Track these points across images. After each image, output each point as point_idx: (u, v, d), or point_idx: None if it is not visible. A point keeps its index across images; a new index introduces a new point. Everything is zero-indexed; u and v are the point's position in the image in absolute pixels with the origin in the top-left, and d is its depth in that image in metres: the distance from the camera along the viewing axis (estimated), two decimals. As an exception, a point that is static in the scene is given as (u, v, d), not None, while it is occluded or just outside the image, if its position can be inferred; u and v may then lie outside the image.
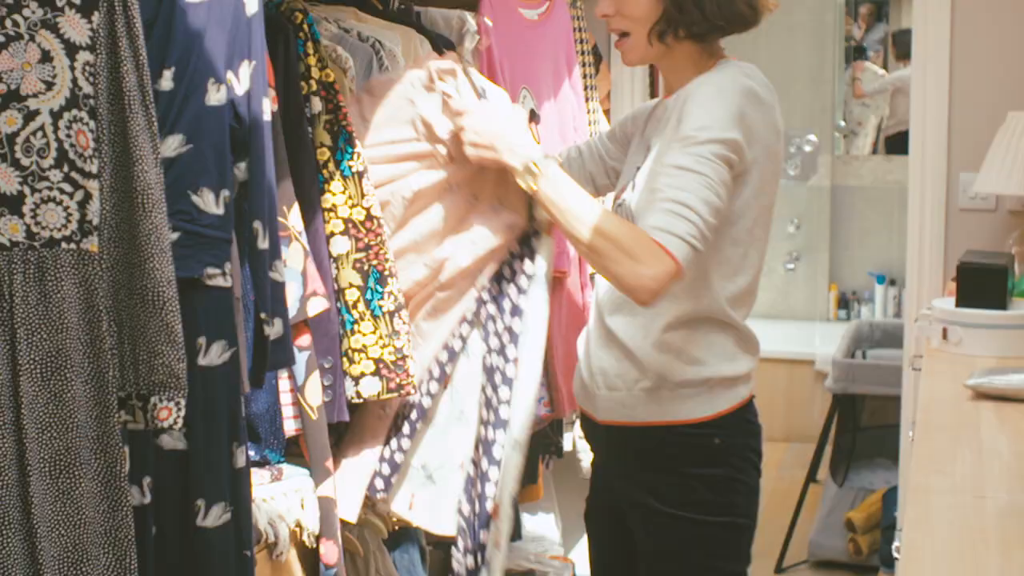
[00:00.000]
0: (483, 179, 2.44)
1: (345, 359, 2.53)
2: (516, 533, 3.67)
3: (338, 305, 2.52)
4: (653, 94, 4.54)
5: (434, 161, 2.42)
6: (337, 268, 2.53)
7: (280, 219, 2.23)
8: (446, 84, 2.35)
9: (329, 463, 2.53)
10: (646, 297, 2.07)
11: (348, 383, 2.54)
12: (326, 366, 2.52)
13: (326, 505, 2.55)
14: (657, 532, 2.30)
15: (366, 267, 2.52)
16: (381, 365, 2.53)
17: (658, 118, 2.32)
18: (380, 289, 2.47)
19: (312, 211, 2.46)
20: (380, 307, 2.48)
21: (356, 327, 2.52)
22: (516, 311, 2.47)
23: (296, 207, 2.39)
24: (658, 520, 2.30)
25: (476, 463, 2.58)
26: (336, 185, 2.50)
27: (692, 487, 2.24)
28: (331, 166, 2.50)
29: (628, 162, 2.40)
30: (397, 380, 2.57)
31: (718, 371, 2.24)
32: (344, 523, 2.74)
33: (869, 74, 7.09)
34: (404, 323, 2.48)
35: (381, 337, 2.53)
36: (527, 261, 2.47)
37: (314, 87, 2.46)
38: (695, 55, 2.25)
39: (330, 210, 2.51)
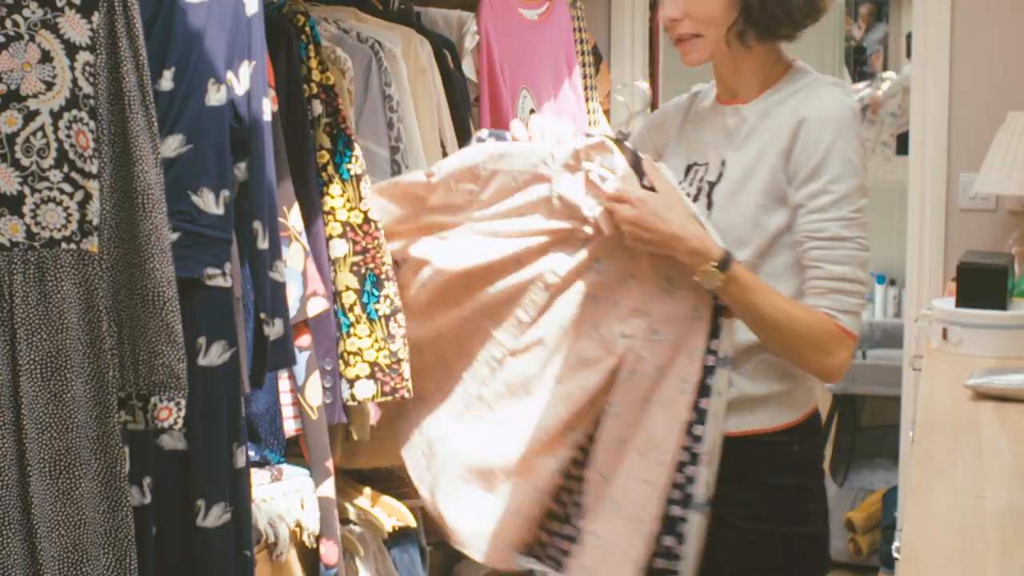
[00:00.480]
0: (635, 256, 2.12)
1: (341, 362, 2.53)
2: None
3: (335, 308, 2.52)
4: (652, 89, 4.53)
5: (573, 239, 2.16)
6: (334, 271, 2.53)
7: (280, 219, 2.23)
8: (594, 164, 2.08)
9: (329, 463, 2.53)
10: (834, 381, 2.09)
11: (343, 385, 2.54)
12: (327, 368, 2.52)
13: (326, 505, 2.55)
14: (737, 545, 2.20)
15: (363, 270, 2.52)
16: (376, 368, 2.54)
17: (727, 129, 2.15)
18: (376, 293, 2.46)
19: (313, 213, 2.46)
20: (376, 311, 2.48)
21: (352, 330, 2.53)
22: (705, 391, 2.12)
23: (296, 207, 2.39)
24: (737, 533, 2.19)
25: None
26: (335, 188, 2.51)
27: (772, 497, 2.15)
28: (330, 169, 2.50)
29: (671, 164, 2.22)
30: (392, 384, 2.57)
31: (797, 376, 2.18)
32: (345, 522, 2.74)
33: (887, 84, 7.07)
34: (399, 327, 2.48)
35: (376, 340, 2.54)
36: (712, 340, 2.10)
37: (315, 90, 2.46)
38: (766, 57, 2.15)
39: (328, 213, 2.51)
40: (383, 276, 2.51)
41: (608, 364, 2.14)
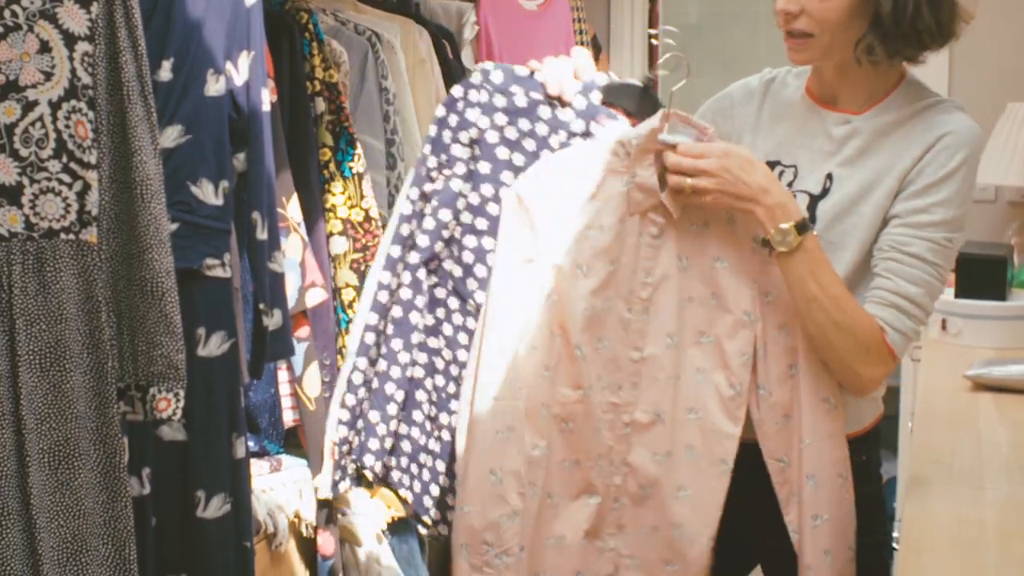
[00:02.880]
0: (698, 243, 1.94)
1: (339, 357, 2.53)
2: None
3: (334, 304, 2.53)
4: (652, 85, 4.53)
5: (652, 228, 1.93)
6: (334, 268, 2.53)
7: (279, 210, 2.23)
8: (667, 136, 1.87)
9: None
10: (861, 395, 2.00)
11: (341, 381, 2.55)
12: (326, 362, 2.52)
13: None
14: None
15: (363, 267, 2.52)
16: None
17: (832, 137, 2.01)
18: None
19: (314, 209, 2.46)
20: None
21: (351, 327, 2.53)
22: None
23: (295, 198, 2.39)
24: None
25: None
26: (336, 186, 2.51)
27: None
28: (332, 167, 2.51)
29: None
30: None
31: None
32: (343, 513, 2.74)
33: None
34: None
35: None
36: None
37: (318, 87, 2.46)
38: (880, 71, 1.99)
39: (329, 210, 2.52)
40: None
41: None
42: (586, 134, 1.90)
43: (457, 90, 1.94)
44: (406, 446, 2.04)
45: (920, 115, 1.96)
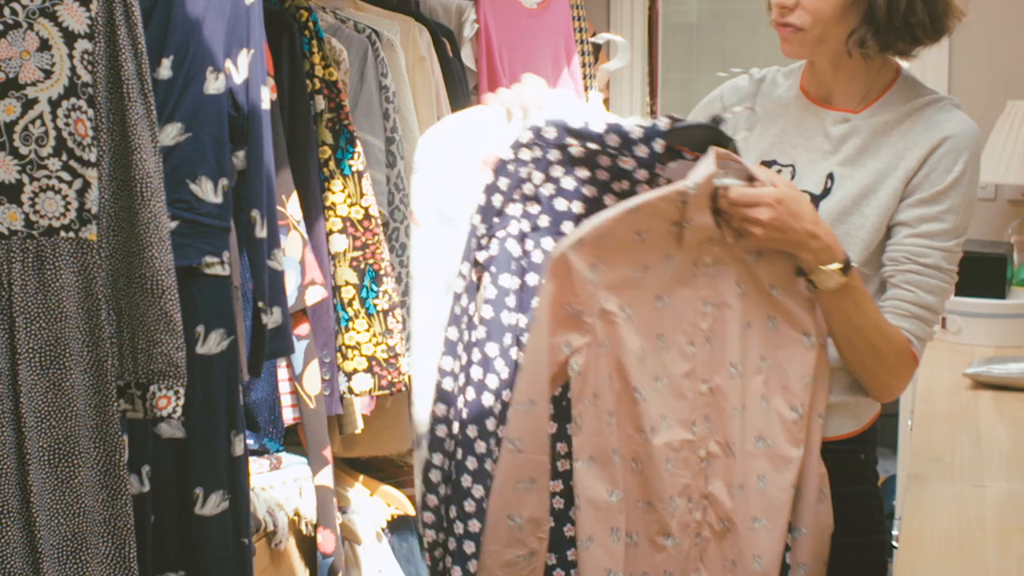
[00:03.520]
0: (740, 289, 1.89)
1: (339, 355, 2.53)
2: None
3: (334, 302, 2.53)
4: (652, 82, 4.53)
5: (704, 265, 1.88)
6: (334, 266, 2.53)
7: (279, 208, 2.23)
8: (722, 179, 1.83)
9: (327, 452, 2.54)
10: (887, 400, 2.03)
11: (341, 378, 2.55)
12: (325, 360, 2.52)
13: (324, 494, 2.55)
14: None
15: (362, 265, 2.52)
16: (374, 362, 2.54)
17: (830, 136, 2.02)
18: (375, 288, 2.47)
19: (314, 207, 2.46)
20: (375, 305, 2.49)
21: (351, 324, 2.53)
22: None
23: (295, 196, 2.39)
24: None
25: None
26: (336, 184, 2.51)
27: (839, 508, 2.11)
28: (332, 165, 2.51)
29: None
30: (389, 377, 2.59)
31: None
32: (343, 511, 2.74)
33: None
34: (397, 322, 2.48)
35: (375, 335, 2.54)
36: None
37: (317, 85, 2.46)
38: (873, 67, 2.00)
39: (329, 208, 2.52)
40: (382, 272, 2.52)
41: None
42: (651, 180, 1.83)
43: (507, 152, 1.84)
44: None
45: (919, 113, 1.96)
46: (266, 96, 2.06)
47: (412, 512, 2.92)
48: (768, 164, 2.02)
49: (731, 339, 1.86)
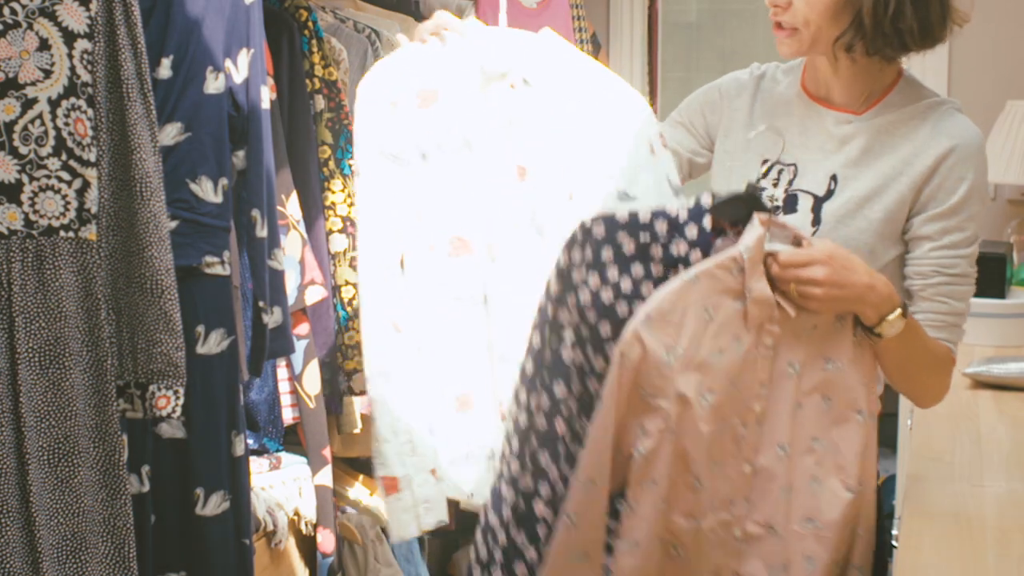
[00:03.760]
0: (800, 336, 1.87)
1: (339, 354, 2.53)
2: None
3: (334, 302, 2.53)
4: (652, 81, 4.53)
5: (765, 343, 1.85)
6: (334, 265, 2.53)
7: (279, 207, 2.23)
8: (771, 245, 1.81)
9: (326, 452, 2.54)
10: (931, 406, 2.04)
11: (341, 378, 2.55)
12: (325, 360, 2.52)
13: (323, 493, 2.55)
14: None
15: None
16: None
17: (832, 136, 2.00)
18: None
19: (314, 207, 2.46)
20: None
21: (351, 324, 2.53)
22: None
23: (295, 196, 2.39)
24: None
25: None
26: (336, 183, 2.51)
27: None
28: (331, 164, 2.51)
29: (734, 150, 2.09)
30: None
31: None
32: (343, 511, 2.74)
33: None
34: None
35: None
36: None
37: (317, 85, 2.46)
38: (872, 66, 1.98)
39: (329, 208, 2.51)
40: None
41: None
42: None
43: (561, 259, 1.80)
44: None
45: (923, 117, 1.96)
46: (266, 96, 2.06)
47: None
48: (770, 163, 2.02)
49: (781, 420, 1.84)
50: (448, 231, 2.07)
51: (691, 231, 1.80)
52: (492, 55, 2.09)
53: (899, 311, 1.82)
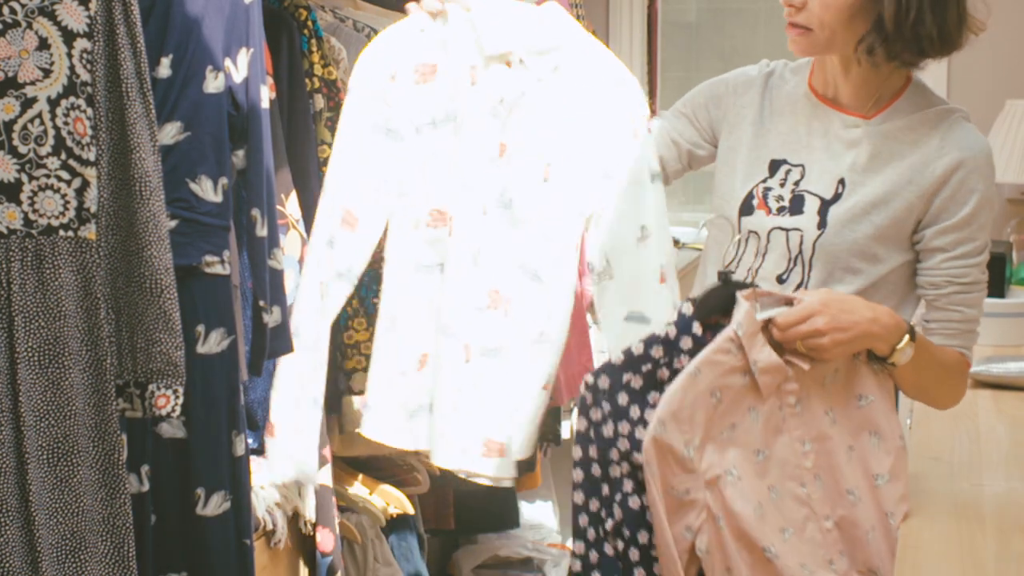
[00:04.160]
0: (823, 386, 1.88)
1: (339, 354, 2.53)
2: (514, 520, 3.67)
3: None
4: (651, 81, 4.53)
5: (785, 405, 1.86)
6: (334, 265, 2.53)
7: (278, 207, 2.23)
8: (764, 313, 1.82)
9: (326, 451, 2.53)
10: (944, 408, 2.09)
11: (340, 377, 2.54)
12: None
13: (323, 493, 2.55)
14: None
15: None
16: None
17: (841, 139, 2.00)
18: (374, 287, 2.46)
19: (315, 205, 2.46)
20: (374, 304, 2.48)
21: (350, 323, 2.53)
22: None
23: (294, 195, 2.39)
24: None
25: None
26: (336, 184, 2.50)
27: None
28: (332, 164, 2.50)
29: (739, 147, 2.08)
30: None
31: None
32: (342, 510, 2.74)
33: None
34: None
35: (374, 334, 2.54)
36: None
37: (317, 84, 2.46)
38: (884, 72, 1.98)
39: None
40: (382, 271, 2.51)
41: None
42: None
43: (579, 425, 1.85)
44: None
45: (932, 125, 1.96)
46: (265, 95, 2.06)
47: (411, 511, 2.92)
48: (778, 163, 2.02)
49: (840, 467, 1.85)
50: (429, 204, 2.20)
51: (686, 343, 1.83)
52: (493, 33, 2.12)
53: (907, 338, 1.85)
